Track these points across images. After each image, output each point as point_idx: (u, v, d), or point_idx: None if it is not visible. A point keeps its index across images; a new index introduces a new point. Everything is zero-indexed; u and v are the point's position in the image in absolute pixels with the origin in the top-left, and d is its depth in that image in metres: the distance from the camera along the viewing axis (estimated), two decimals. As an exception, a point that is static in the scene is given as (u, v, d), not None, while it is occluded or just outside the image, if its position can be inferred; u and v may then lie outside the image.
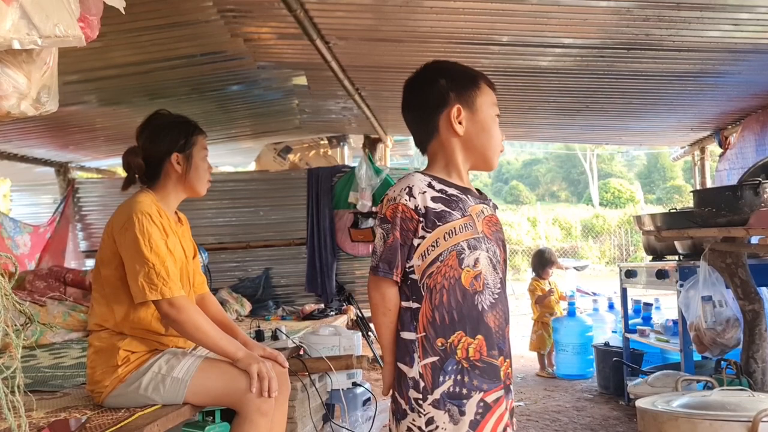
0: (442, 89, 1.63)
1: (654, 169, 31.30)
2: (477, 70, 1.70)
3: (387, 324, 1.61)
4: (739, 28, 3.16)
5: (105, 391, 2.12)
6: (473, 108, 1.63)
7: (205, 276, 2.58)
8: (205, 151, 2.36)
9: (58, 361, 3.24)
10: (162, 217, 2.20)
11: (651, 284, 4.24)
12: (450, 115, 1.61)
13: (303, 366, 3.02)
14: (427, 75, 1.67)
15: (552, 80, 4.17)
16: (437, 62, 1.69)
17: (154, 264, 2.06)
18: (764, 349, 3.16)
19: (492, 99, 1.66)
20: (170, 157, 2.27)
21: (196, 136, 2.34)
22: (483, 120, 1.63)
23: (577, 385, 5.26)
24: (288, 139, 6.78)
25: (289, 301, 5.82)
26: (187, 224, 2.46)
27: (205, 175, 2.36)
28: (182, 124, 2.35)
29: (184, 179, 2.30)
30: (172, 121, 2.35)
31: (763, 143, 4.55)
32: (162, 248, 2.11)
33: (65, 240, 5.89)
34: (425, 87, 1.66)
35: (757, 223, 2.64)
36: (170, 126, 2.33)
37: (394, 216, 1.56)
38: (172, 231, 2.25)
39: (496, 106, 1.67)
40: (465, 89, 1.63)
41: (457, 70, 1.68)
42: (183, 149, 2.29)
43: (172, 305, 2.08)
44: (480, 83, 1.65)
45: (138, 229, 2.09)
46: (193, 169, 2.31)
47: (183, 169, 2.29)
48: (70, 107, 4.28)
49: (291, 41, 3.63)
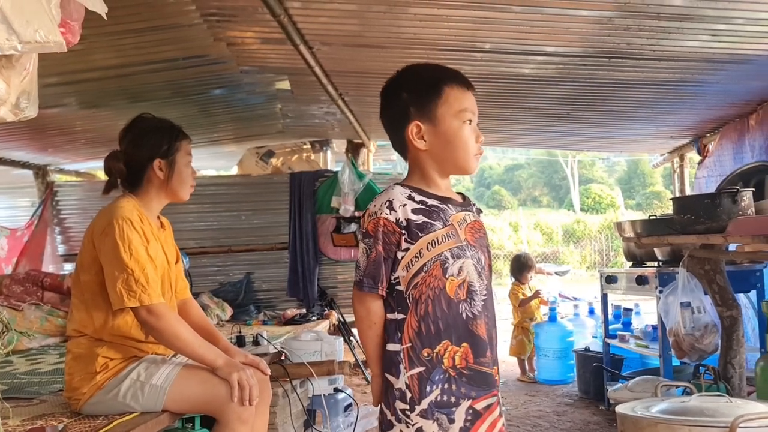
0: (403, 104, 1.60)
1: (634, 175, 31.61)
2: (445, 73, 1.63)
3: (373, 337, 1.61)
4: (717, 38, 3.21)
5: (83, 398, 2.10)
6: (434, 121, 1.58)
7: (187, 280, 2.56)
8: (189, 157, 2.33)
9: (34, 367, 3.19)
10: (143, 223, 2.17)
11: (631, 290, 4.28)
12: (410, 132, 1.60)
13: (284, 371, 3.01)
14: (393, 87, 1.65)
15: (534, 87, 4.21)
16: (405, 71, 1.65)
17: (134, 270, 2.04)
18: (741, 354, 3.20)
19: (459, 105, 1.59)
20: (153, 162, 2.24)
21: (180, 141, 2.30)
22: (445, 132, 1.58)
23: (557, 390, 5.28)
24: (271, 143, 6.76)
25: (271, 306, 5.78)
26: (169, 229, 2.43)
27: (188, 180, 2.33)
28: (166, 129, 2.32)
29: (166, 185, 2.28)
30: (155, 125, 2.32)
31: (740, 151, 4.62)
32: (142, 254, 2.09)
33: (43, 244, 5.81)
34: (391, 100, 1.64)
35: (735, 231, 2.67)
36: (154, 131, 2.30)
37: (376, 230, 1.56)
38: (154, 236, 2.23)
39: (466, 111, 1.60)
40: (425, 102, 1.59)
41: (420, 81, 1.62)
42: (166, 155, 2.26)
43: (151, 312, 2.06)
44: (443, 91, 1.58)
45: (118, 235, 2.07)
46: (176, 174, 2.28)
47: (165, 175, 2.26)
48: (49, 110, 4.23)
49: (274, 46, 3.62)
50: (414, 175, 1.65)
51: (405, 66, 1.66)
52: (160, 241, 2.27)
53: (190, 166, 2.35)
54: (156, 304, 2.06)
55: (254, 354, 3.06)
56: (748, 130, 4.52)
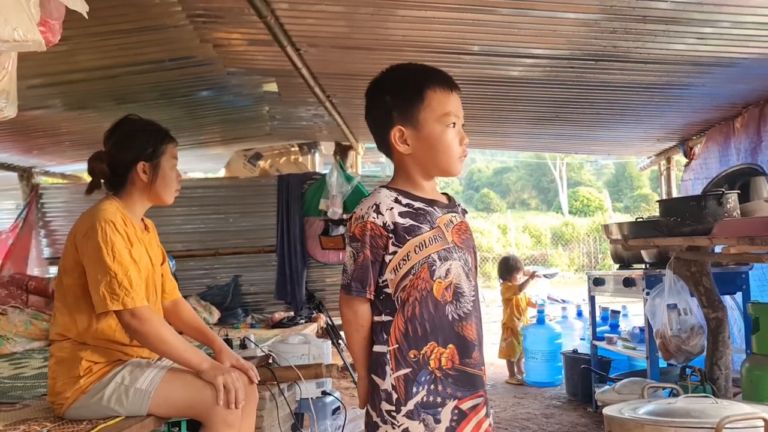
0: (386, 107, 1.59)
1: (622, 178, 31.78)
2: (428, 76, 1.61)
3: (359, 340, 1.60)
4: (703, 41, 3.23)
5: (66, 403, 2.07)
6: (417, 125, 1.57)
7: (175, 281, 2.53)
8: (175, 160, 2.30)
9: (18, 371, 3.16)
10: (127, 226, 2.15)
11: (618, 292, 4.29)
12: (393, 137, 1.59)
13: (272, 375, 2.99)
14: (376, 89, 1.64)
15: (522, 90, 4.22)
16: (389, 72, 1.64)
17: (117, 273, 2.02)
18: (727, 356, 3.21)
19: (442, 109, 1.57)
20: (137, 164, 2.21)
21: (166, 144, 2.27)
22: (428, 136, 1.57)
23: (546, 392, 5.29)
24: (258, 145, 6.74)
25: (259, 309, 5.77)
26: (154, 231, 2.41)
27: (173, 184, 2.29)
28: (151, 131, 2.28)
29: (150, 188, 2.24)
30: (140, 127, 2.29)
31: (726, 154, 4.65)
32: (125, 257, 2.07)
33: (28, 247, 5.76)
34: (375, 103, 1.63)
35: (721, 233, 2.68)
36: (138, 133, 2.27)
37: (363, 234, 1.55)
38: (138, 239, 2.21)
39: (449, 115, 1.58)
40: (407, 106, 1.57)
41: (403, 84, 1.60)
42: (150, 158, 2.23)
43: (134, 316, 2.04)
44: (425, 94, 1.57)
45: (101, 238, 2.04)
46: (160, 178, 2.25)
47: (149, 178, 2.23)
48: (34, 111, 4.19)
49: (261, 47, 3.60)
50: (399, 177, 1.64)
51: (389, 67, 1.65)
52: (144, 244, 2.25)
53: (176, 169, 2.31)
54: (139, 307, 2.04)
55: (242, 357, 3.05)
56: (733, 132, 4.56)
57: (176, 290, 2.49)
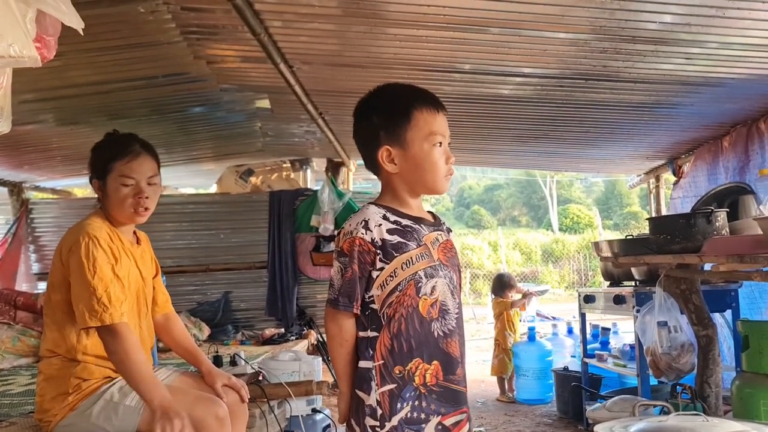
0: (373, 128, 1.62)
1: (611, 196, 31.96)
2: (415, 96, 1.63)
3: (344, 355, 1.61)
4: (691, 61, 3.28)
5: (54, 420, 2.05)
6: (404, 145, 1.60)
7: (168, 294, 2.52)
8: (124, 179, 2.17)
9: (5, 388, 3.12)
10: (112, 240, 2.14)
11: (609, 309, 4.30)
12: (381, 156, 1.61)
13: (261, 392, 2.96)
14: (364, 109, 1.66)
15: (512, 108, 4.25)
16: (376, 92, 1.66)
17: (96, 289, 2.01)
18: (717, 373, 3.22)
19: (428, 128, 1.59)
20: (92, 183, 2.22)
21: (114, 162, 2.17)
22: (415, 156, 1.60)
23: (536, 409, 5.28)
24: (250, 161, 6.73)
25: (249, 326, 5.73)
26: (147, 244, 2.40)
27: (124, 204, 2.17)
28: (105, 147, 2.24)
29: (106, 206, 2.21)
30: (101, 144, 2.26)
31: (714, 173, 4.70)
32: (107, 273, 2.05)
33: (17, 262, 5.70)
34: (362, 123, 1.66)
35: (710, 251, 2.71)
36: (95, 149, 2.25)
37: (352, 249, 1.57)
38: (127, 253, 2.20)
39: (435, 135, 1.60)
40: (394, 126, 1.60)
41: (390, 105, 1.63)
42: (99, 176, 2.20)
43: (110, 331, 2.01)
44: (412, 115, 1.59)
45: (83, 253, 2.04)
46: (108, 197, 2.18)
47: (103, 196, 2.20)
48: (25, 126, 4.18)
49: (254, 64, 3.62)
50: (386, 195, 1.66)
51: (376, 87, 1.67)
52: (134, 258, 2.24)
53: (129, 187, 2.17)
54: (117, 324, 2.01)
55: (232, 374, 3.03)
56: (721, 151, 4.60)
57: (168, 304, 2.47)
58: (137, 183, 2.18)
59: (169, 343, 2.45)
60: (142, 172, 2.19)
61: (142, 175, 2.19)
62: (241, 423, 2.28)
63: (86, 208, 2.31)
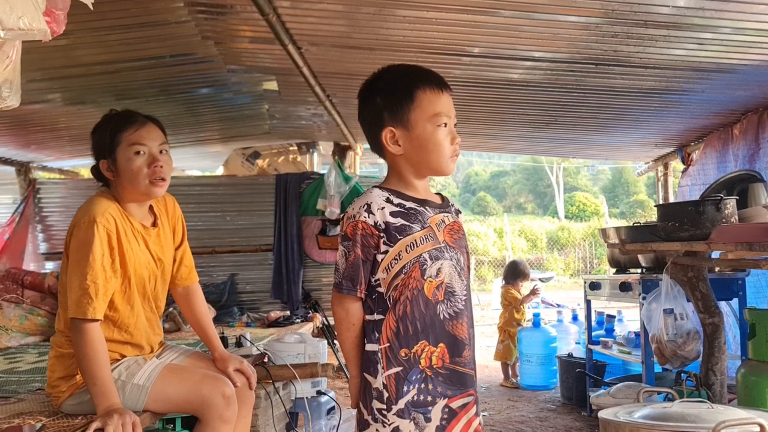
0: (377, 109, 1.60)
1: (618, 184, 31.86)
2: (418, 76, 1.61)
3: (351, 338, 1.61)
4: (703, 47, 3.25)
5: (63, 396, 2.08)
6: (408, 126, 1.58)
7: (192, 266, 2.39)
8: (136, 146, 2.06)
9: (13, 366, 3.15)
10: (118, 224, 2.05)
11: (614, 296, 4.29)
12: (385, 137, 1.60)
13: (267, 373, 2.98)
14: (368, 91, 1.64)
15: (522, 93, 4.23)
16: (380, 74, 1.64)
17: (86, 278, 1.94)
18: (723, 361, 3.22)
19: (433, 109, 1.57)
20: (100, 164, 2.11)
21: (121, 133, 2.06)
22: (419, 136, 1.58)
23: (540, 395, 5.29)
24: (257, 144, 6.73)
25: (255, 308, 5.75)
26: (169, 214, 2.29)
27: (140, 175, 2.06)
28: (104, 124, 2.13)
29: (119, 185, 2.11)
30: (98, 124, 2.15)
31: (724, 160, 4.66)
32: (99, 262, 1.96)
33: (24, 241, 5.74)
34: (366, 105, 1.64)
35: (718, 238, 2.69)
36: (96, 129, 2.14)
37: (355, 233, 1.56)
38: (135, 237, 2.12)
39: (440, 115, 1.58)
40: (398, 107, 1.58)
41: (393, 86, 1.60)
42: (107, 154, 2.08)
43: (78, 326, 1.95)
44: (416, 94, 1.57)
45: (81, 237, 1.97)
46: (122, 173, 2.08)
47: (114, 175, 2.10)
48: (33, 105, 4.18)
49: (262, 45, 3.60)
50: (392, 177, 1.65)
51: (380, 68, 1.65)
52: (146, 243, 2.16)
53: (143, 155, 2.07)
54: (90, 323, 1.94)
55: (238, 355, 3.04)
56: (732, 139, 4.57)
57: (191, 277, 2.36)
58: (149, 151, 2.08)
59: (188, 317, 2.39)
60: (152, 139, 2.10)
61: (153, 142, 2.10)
62: (247, 407, 2.29)
63: (92, 188, 2.25)
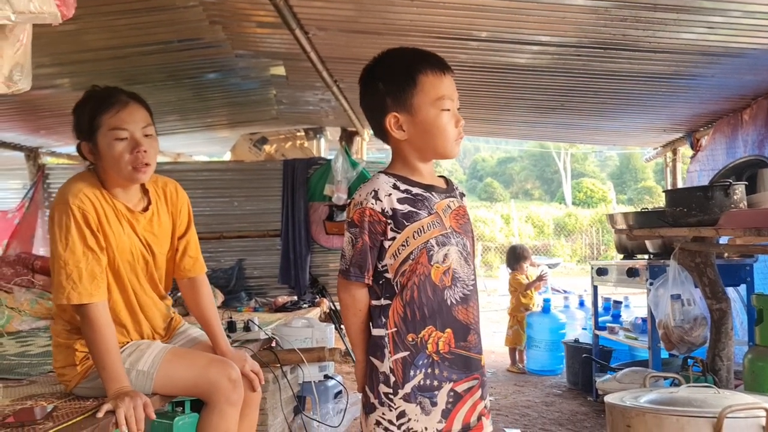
0: (380, 95, 1.59)
1: (626, 170, 31.73)
2: (420, 60, 1.59)
3: (357, 324, 1.62)
4: (713, 31, 3.22)
5: (71, 384, 2.08)
6: (411, 111, 1.57)
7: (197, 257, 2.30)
8: (116, 132, 1.95)
9: (24, 349, 3.18)
10: (95, 206, 1.95)
11: (621, 282, 4.29)
12: (389, 123, 1.59)
13: (275, 357, 3.00)
14: (370, 77, 1.63)
15: (528, 77, 4.20)
16: (381, 58, 1.63)
17: (66, 263, 1.89)
18: (730, 347, 3.22)
19: (435, 92, 1.56)
20: (80, 146, 2.01)
21: (101, 116, 1.95)
22: (423, 121, 1.57)
23: (546, 380, 5.31)
24: (264, 129, 6.73)
25: (262, 293, 5.78)
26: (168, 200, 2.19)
27: (122, 161, 1.95)
28: (83, 104, 2.01)
29: (101, 169, 2.01)
30: (79, 102, 2.03)
31: (733, 146, 4.64)
32: (78, 247, 1.89)
33: (34, 226, 5.78)
34: (368, 91, 1.63)
35: (727, 224, 2.68)
36: (76, 109, 2.03)
37: (362, 220, 1.56)
38: (120, 220, 2.02)
39: (443, 99, 1.57)
40: (400, 92, 1.57)
41: (395, 70, 1.59)
42: (88, 138, 1.99)
43: (79, 311, 1.93)
44: (418, 78, 1.56)
45: (57, 222, 1.90)
46: (103, 158, 1.98)
47: (96, 158, 2.00)
48: (42, 91, 4.20)
49: (270, 30, 3.60)
50: (397, 162, 1.65)
51: (382, 52, 1.64)
52: (133, 226, 2.06)
53: (124, 141, 1.95)
54: (86, 304, 1.90)
55: (245, 340, 3.07)
56: (741, 124, 4.54)
57: (195, 268, 2.26)
58: (131, 135, 1.96)
59: (192, 310, 2.31)
60: (135, 122, 1.97)
61: (135, 125, 1.97)
62: (252, 407, 2.23)
63: None
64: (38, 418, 1.78)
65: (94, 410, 1.88)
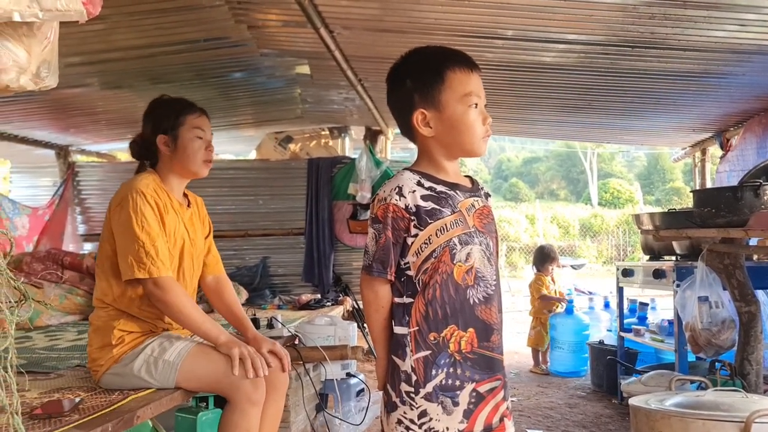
0: (407, 91, 1.59)
1: (654, 171, 31.30)
2: (448, 56, 1.60)
3: (380, 320, 1.61)
4: (745, 28, 3.15)
5: (101, 370, 2.14)
6: (439, 107, 1.57)
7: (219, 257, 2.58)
8: (198, 131, 2.31)
9: (53, 343, 3.24)
10: (159, 197, 2.21)
11: (648, 284, 4.23)
12: (416, 120, 1.59)
13: (298, 355, 3.02)
14: (397, 74, 1.64)
15: (555, 76, 4.16)
16: (409, 56, 1.63)
17: (144, 243, 2.09)
18: (759, 351, 3.16)
19: (463, 89, 1.57)
20: (157, 137, 2.27)
21: (185, 116, 2.29)
22: (450, 117, 1.57)
23: (570, 382, 5.27)
24: (289, 128, 6.77)
25: (286, 291, 5.82)
26: (201, 206, 2.49)
27: (198, 155, 2.30)
28: (172, 104, 2.33)
29: (173, 160, 2.29)
30: (163, 102, 2.35)
31: (764, 145, 4.54)
32: (154, 227, 2.13)
33: (64, 223, 5.89)
34: (395, 88, 1.64)
35: (757, 225, 2.63)
36: (160, 107, 2.33)
37: (386, 216, 1.56)
38: (174, 211, 2.26)
39: (470, 95, 1.57)
40: (428, 89, 1.57)
41: (423, 67, 1.60)
42: (168, 130, 2.27)
43: (157, 285, 2.10)
44: (446, 75, 1.56)
45: (131, 208, 2.11)
46: (181, 149, 2.28)
47: (171, 150, 2.28)
48: (71, 89, 4.27)
49: (295, 29, 3.61)
50: (422, 160, 1.65)
51: (409, 51, 1.64)
52: (181, 217, 2.30)
53: (202, 140, 2.31)
54: (164, 277, 2.11)
55: (268, 336, 3.09)
56: (773, 124, 4.45)
57: (219, 266, 2.52)
58: (206, 137, 2.32)
59: (218, 306, 2.48)
60: (208, 128, 2.35)
61: (209, 131, 2.35)
62: (280, 390, 2.31)
63: (129, 171, 2.39)
64: (65, 410, 1.81)
65: (119, 403, 1.92)
